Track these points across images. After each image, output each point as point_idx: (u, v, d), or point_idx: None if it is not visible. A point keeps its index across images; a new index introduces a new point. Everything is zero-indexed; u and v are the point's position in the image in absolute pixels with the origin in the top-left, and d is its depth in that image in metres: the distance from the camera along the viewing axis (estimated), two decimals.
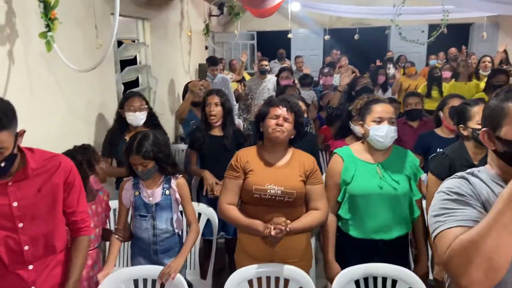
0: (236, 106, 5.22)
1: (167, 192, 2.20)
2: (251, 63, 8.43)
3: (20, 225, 1.51)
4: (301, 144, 2.77)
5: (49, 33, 2.00)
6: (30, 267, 1.55)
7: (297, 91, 3.97)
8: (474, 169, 1.23)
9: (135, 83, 4.55)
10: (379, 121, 2.03)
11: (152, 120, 3.00)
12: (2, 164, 1.42)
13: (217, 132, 3.03)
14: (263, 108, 2.11)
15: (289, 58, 8.36)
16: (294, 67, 6.66)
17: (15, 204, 1.50)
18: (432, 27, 7.09)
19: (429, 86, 5.24)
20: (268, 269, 2.03)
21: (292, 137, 2.10)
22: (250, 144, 2.39)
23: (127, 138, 2.92)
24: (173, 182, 2.22)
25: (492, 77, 4.14)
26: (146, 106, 2.90)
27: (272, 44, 8.66)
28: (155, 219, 2.19)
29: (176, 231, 2.27)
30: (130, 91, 3.09)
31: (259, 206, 2.04)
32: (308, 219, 2.04)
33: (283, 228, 1.91)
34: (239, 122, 5.28)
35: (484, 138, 1.17)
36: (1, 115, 1.36)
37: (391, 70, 6.60)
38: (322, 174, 3.20)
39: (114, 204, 2.42)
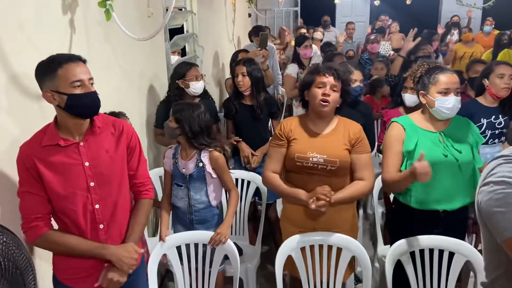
0: (280, 76, 5.15)
1: (200, 164, 2.23)
2: (294, 30, 8.24)
3: (92, 184, 1.59)
4: (354, 113, 2.73)
5: (108, 2, 2.03)
6: (101, 226, 1.64)
7: (344, 58, 3.85)
8: None
9: (183, 51, 4.58)
10: (446, 92, 1.94)
11: (204, 91, 3.05)
12: (98, 94, 1.56)
13: (248, 101, 3.07)
14: (308, 76, 2.06)
15: (333, 25, 8.08)
16: (344, 34, 6.42)
17: (86, 163, 1.58)
18: None
19: (495, 54, 4.89)
20: (320, 237, 2.05)
21: (338, 105, 2.06)
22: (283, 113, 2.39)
23: None
24: (205, 155, 2.23)
25: None
26: (202, 76, 2.95)
27: (316, 11, 8.39)
28: (189, 189, 2.25)
29: (213, 203, 2.29)
30: (186, 61, 3.12)
31: (302, 175, 2.04)
32: (353, 189, 2.02)
33: (327, 199, 1.91)
34: (283, 91, 5.23)
35: None
36: (77, 55, 1.54)
37: (455, 36, 6.16)
38: (375, 144, 3.14)
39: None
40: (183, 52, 4.57)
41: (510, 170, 1.03)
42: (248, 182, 2.83)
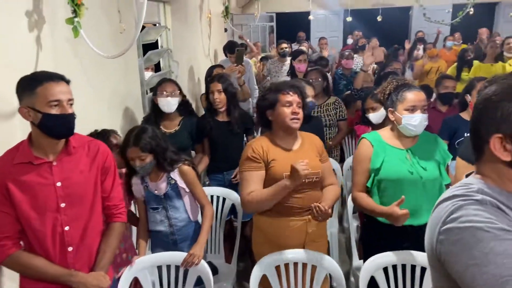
0: (257, 90, 5.18)
1: (172, 181, 2.19)
2: (269, 45, 8.33)
3: (62, 205, 1.55)
4: (307, 128, 2.77)
5: (76, 19, 2.00)
6: (70, 249, 1.59)
7: (320, 74, 3.89)
8: (473, 192, 0.94)
9: (157, 67, 4.55)
10: (412, 109, 1.99)
11: (186, 107, 3.02)
12: (75, 116, 1.54)
13: (223, 117, 3.05)
14: (272, 96, 2.05)
15: (309, 40, 8.22)
16: (317, 49, 6.53)
17: (58, 184, 1.54)
18: (457, 7, 6.86)
19: (459, 68, 5.06)
20: (293, 255, 2.03)
21: None
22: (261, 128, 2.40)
23: (162, 127, 2.95)
24: (175, 172, 2.19)
25: None
26: (179, 92, 2.92)
27: (292, 26, 8.52)
28: (167, 210, 2.20)
29: (192, 218, 2.26)
30: (165, 77, 3.11)
31: (287, 194, 2.01)
32: (333, 193, 2.11)
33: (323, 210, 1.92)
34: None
35: (495, 147, 0.93)
36: (62, 74, 1.53)
37: (420, 51, 6.37)
38: (347, 157, 3.18)
39: None
40: (158, 68, 4.54)
41: (476, 213, 0.88)
42: (224, 199, 2.80)
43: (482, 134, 0.95)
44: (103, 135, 2.21)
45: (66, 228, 1.56)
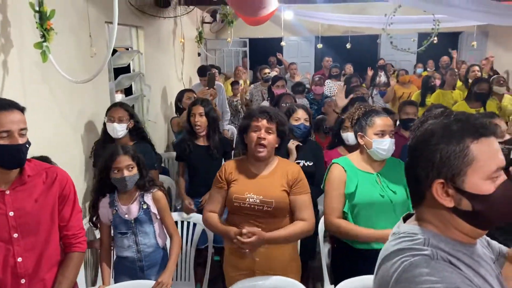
0: (228, 113, 5.22)
1: (144, 206, 2.16)
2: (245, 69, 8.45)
3: (15, 235, 1.49)
4: (304, 153, 2.78)
5: (45, 44, 1.98)
6: (23, 281, 1.52)
7: (293, 99, 3.96)
8: (419, 244, 0.89)
9: (129, 90, 4.53)
10: (382, 134, 2.05)
11: (139, 132, 2.92)
12: (28, 145, 1.48)
13: (203, 141, 3.05)
14: (244, 121, 2.12)
15: (280, 65, 8.39)
16: (287, 74, 6.69)
17: (11, 213, 1.49)
18: (422, 36, 7.20)
19: (423, 94, 5.28)
20: (261, 281, 2.00)
21: (277, 145, 2.11)
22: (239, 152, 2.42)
23: None
24: (148, 197, 2.18)
25: (474, 85, 4.19)
26: (130, 118, 2.83)
27: (265, 51, 8.68)
28: (136, 235, 2.16)
29: (161, 244, 2.23)
30: (118, 101, 3.07)
31: (241, 216, 2.04)
32: (291, 229, 2.03)
33: (251, 239, 1.90)
34: (231, 128, 5.29)
35: (438, 193, 0.88)
36: (15, 102, 1.48)
37: (382, 77, 6.67)
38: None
39: None
40: (129, 91, 4.51)
41: (429, 272, 0.81)
42: (194, 224, 2.77)
43: (422, 179, 0.90)
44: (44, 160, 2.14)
45: (19, 259, 1.50)
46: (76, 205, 1.69)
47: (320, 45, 8.02)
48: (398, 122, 3.56)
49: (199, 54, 7.12)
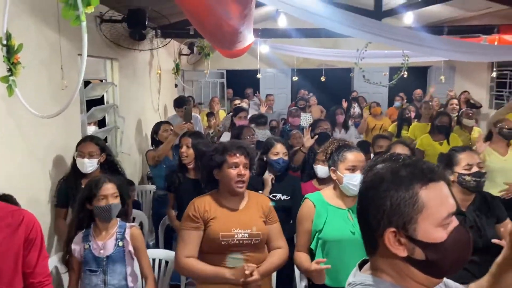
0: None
1: (120, 243, 2.10)
2: (220, 100, 8.50)
3: None
4: (282, 187, 2.77)
5: (11, 78, 1.93)
6: None
7: (253, 131, 3.98)
8: None
9: (102, 122, 4.46)
10: (353, 169, 2.06)
11: (111, 166, 2.84)
12: None
13: (193, 175, 3.00)
14: (218, 156, 2.05)
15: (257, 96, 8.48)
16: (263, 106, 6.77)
17: None
18: (393, 70, 7.45)
19: (399, 126, 5.41)
20: None
21: None
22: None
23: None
24: (127, 233, 2.12)
25: (436, 118, 4.31)
26: (101, 153, 2.75)
27: (242, 83, 8.79)
28: (106, 274, 2.07)
29: (130, 286, 2.13)
30: (88, 135, 3.00)
31: (225, 254, 1.98)
32: (275, 258, 2.05)
33: (256, 277, 1.88)
34: None
35: (390, 242, 0.84)
36: None
37: (356, 109, 6.83)
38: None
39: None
40: (102, 123, 4.44)
41: None
42: (166, 262, 2.67)
43: (374, 227, 0.86)
44: (7, 199, 2.05)
45: None
46: (43, 250, 1.61)
47: (295, 78, 8.18)
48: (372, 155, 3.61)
49: (176, 85, 7.13)
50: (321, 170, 2.95)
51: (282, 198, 2.78)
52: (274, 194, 2.76)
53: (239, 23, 3.29)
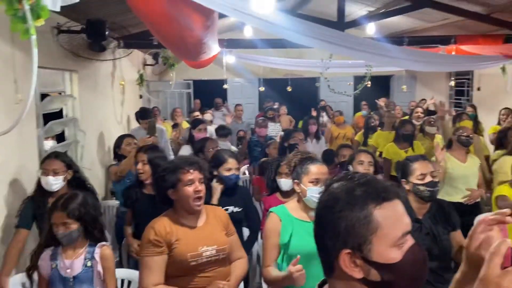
0: (172, 156, 5.08)
1: (89, 263, 2.01)
2: (187, 111, 8.40)
3: None
4: (233, 200, 2.74)
5: None
6: None
7: (217, 143, 3.93)
8: None
9: (61, 136, 4.28)
10: (316, 182, 2.04)
11: (78, 182, 2.71)
12: None
13: (150, 190, 2.90)
14: (171, 176, 1.94)
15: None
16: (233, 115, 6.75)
17: None
18: (358, 79, 7.63)
19: (365, 134, 5.49)
20: None
21: None
22: None
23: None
24: (97, 252, 2.03)
25: (400, 127, 4.40)
26: (67, 169, 2.63)
27: (209, 93, 8.72)
28: None
29: None
30: (53, 152, 2.85)
31: (194, 275, 1.92)
32: (241, 270, 2.08)
33: None
34: None
35: (345, 264, 0.83)
36: None
37: (324, 118, 6.91)
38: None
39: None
40: (62, 137, 4.26)
41: None
42: (129, 282, 2.56)
43: (329, 249, 0.85)
44: None
45: None
46: None
47: (262, 88, 8.21)
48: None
49: (140, 96, 6.99)
50: (285, 183, 2.94)
51: (234, 210, 2.78)
52: (226, 208, 2.73)
53: (203, 34, 3.26)
